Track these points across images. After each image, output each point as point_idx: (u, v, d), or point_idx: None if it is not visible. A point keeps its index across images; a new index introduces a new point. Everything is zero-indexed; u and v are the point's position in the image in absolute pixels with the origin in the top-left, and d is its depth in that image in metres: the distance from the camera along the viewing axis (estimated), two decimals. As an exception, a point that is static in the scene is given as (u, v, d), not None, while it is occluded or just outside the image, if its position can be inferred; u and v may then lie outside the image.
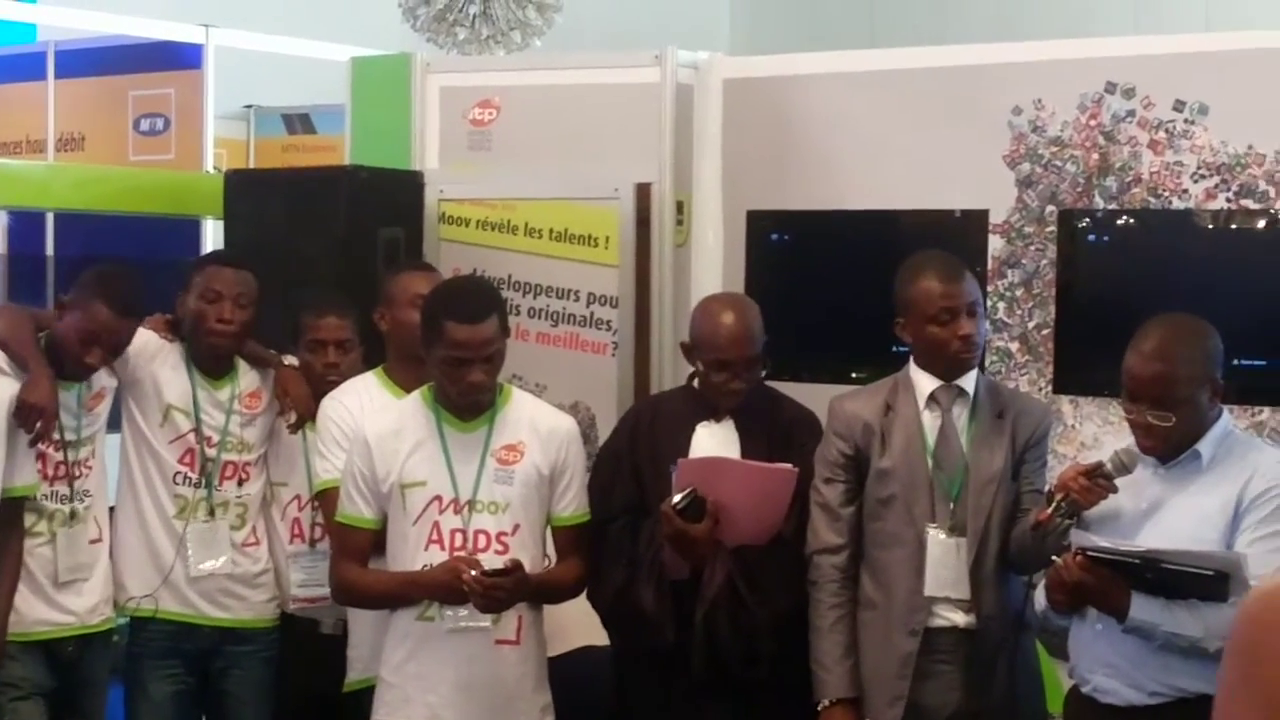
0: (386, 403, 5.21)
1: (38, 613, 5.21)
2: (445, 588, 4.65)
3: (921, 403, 4.80)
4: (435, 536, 4.76)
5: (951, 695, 4.72)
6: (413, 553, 4.77)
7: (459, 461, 4.80)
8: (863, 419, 4.84)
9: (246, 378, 5.53)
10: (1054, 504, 4.39)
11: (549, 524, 4.94)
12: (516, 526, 4.80)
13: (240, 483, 5.48)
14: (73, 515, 5.26)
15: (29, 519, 5.19)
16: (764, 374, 5.08)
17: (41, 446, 5.14)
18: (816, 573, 4.84)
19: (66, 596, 5.28)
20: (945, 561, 4.69)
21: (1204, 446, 4.34)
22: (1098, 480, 4.37)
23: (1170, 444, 4.34)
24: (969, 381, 4.81)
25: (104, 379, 5.37)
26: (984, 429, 4.79)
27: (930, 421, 4.80)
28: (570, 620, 5.37)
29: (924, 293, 4.76)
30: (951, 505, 4.72)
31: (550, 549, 4.99)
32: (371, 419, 5.00)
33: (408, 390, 5.10)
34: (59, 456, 5.25)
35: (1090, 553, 4.22)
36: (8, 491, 4.99)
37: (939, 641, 4.73)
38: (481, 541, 4.77)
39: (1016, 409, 4.85)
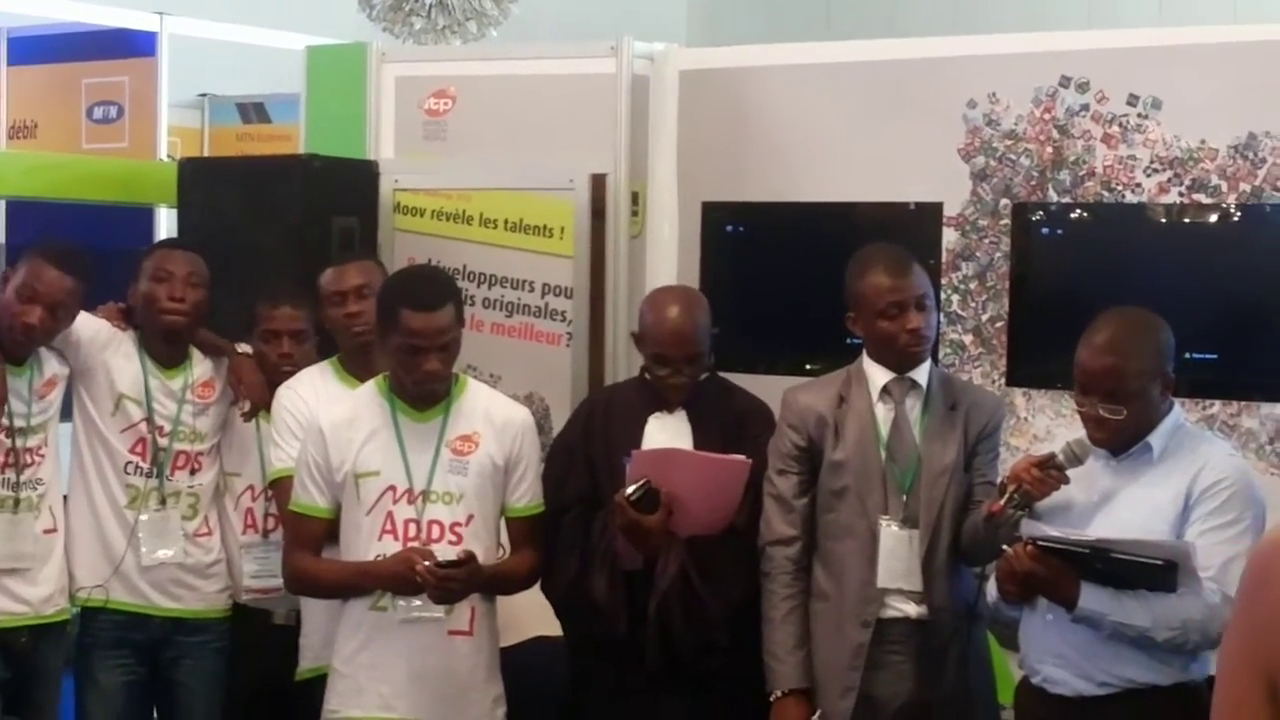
0: (340, 393, 5.20)
1: None
2: (398, 578, 4.65)
3: (875, 395, 4.81)
4: (389, 527, 4.76)
5: (903, 686, 4.74)
6: (366, 543, 4.76)
7: (413, 451, 4.79)
8: (816, 411, 4.85)
9: (200, 367, 5.52)
10: (1006, 495, 4.40)
11: (503, 515, 4.93)
12: (470, 517, 4.80)
13: (193, 472, 5.46)
14: (16, 504, 5.24)
15: None
16: (707, 369, 5.10)
17: None
18: (769, 564, 4.85)
19: (20, 585, 5.26)
20: (897, 553, 4.70)
21: (1155, 439, 4.36)
22: (1050, 472, 4.39)
23: (1121, 437, 4.36)
24: (922, 374, 4.83)
25: (55, 366, 5.35)
26: (937, 421, 4.81)
27: (883, 413, 4.81)
28: (523, 611, 5.37)
29: (872, 287, 4.77)
30: (904, 497, 4.74)
31: (504, 540, 4.98)
32: (326, 408, 4.99)
33: (361, 380, 5.10)
34: (7, 443, 5.23)
35: (1040, 542, 4.24)
36: None
37: (891, 632, 4.74)
38: (435, 532, 4.76)
39: (969, 401, 4.87)
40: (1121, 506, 4.35)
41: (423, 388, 4.79)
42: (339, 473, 4.79)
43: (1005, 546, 4.34)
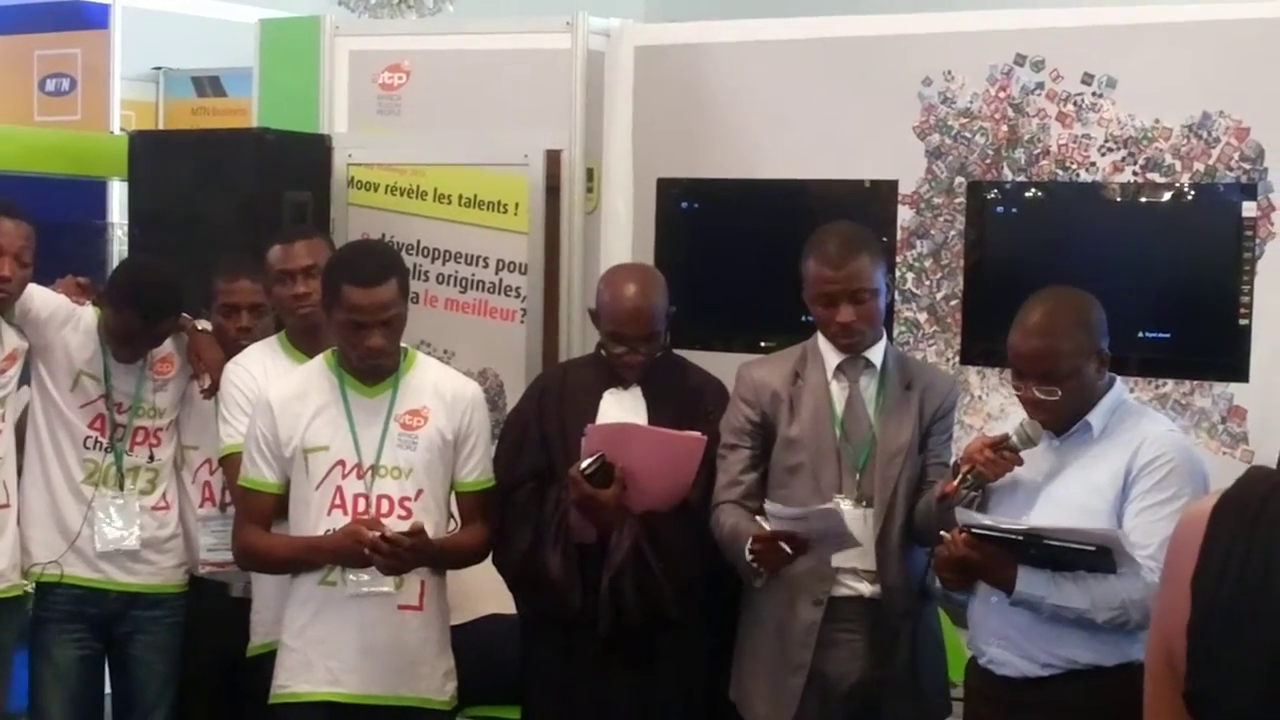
0: (289, 368, 5.18)
1: None
2: (347, 551, 4.64)
3: (829, 373, 4.81)
4: (338, 501, 4.75)
5: (855, 665, 4.74)
6: (315, 518, 4.76)
7: (362, 426, 4.79)
8: (771, 386, 4.85)
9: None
10: (960, 476, 4.40)
11: (453, 490, 4.93)
12: (420, 492, 4.80)
13: (151, 448, 5.44)
14: None
15: None
16: (663, 348, 5.10)
17: None
18: (716, 512, 4.85)
19: None
20: (854, 530, 4.67)
21: (1094, 418, 4.36)
22: (1003, 453, 4.39)
23: (1060, 417, 4.36)
24: (876, 353, 4.83)
25: (15, 340, 5.32)
26: (892, 400, 4.81)
27: (838, 391, 4.81)
28: (477, 587, 5.38)
29: (810, 272, 4.78)
30: (858, 476, 4.74)
31: (455, 514, 4.98)
32: (275, 383, 4.98)
33: (309, 356, 5.08)
34: None
35: (975, 530, 4.25)
36: None
37: (843, 611, 4.75)
38: (385, 507, 4.76)
39: (924, 381, 4.87)
40: (1062, 487, 4.35)
41: (367, 362, 4.78)
42: (288, 447, 4.78)
43: (943, 533, 4.34)
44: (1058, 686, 4.31)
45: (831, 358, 4.82)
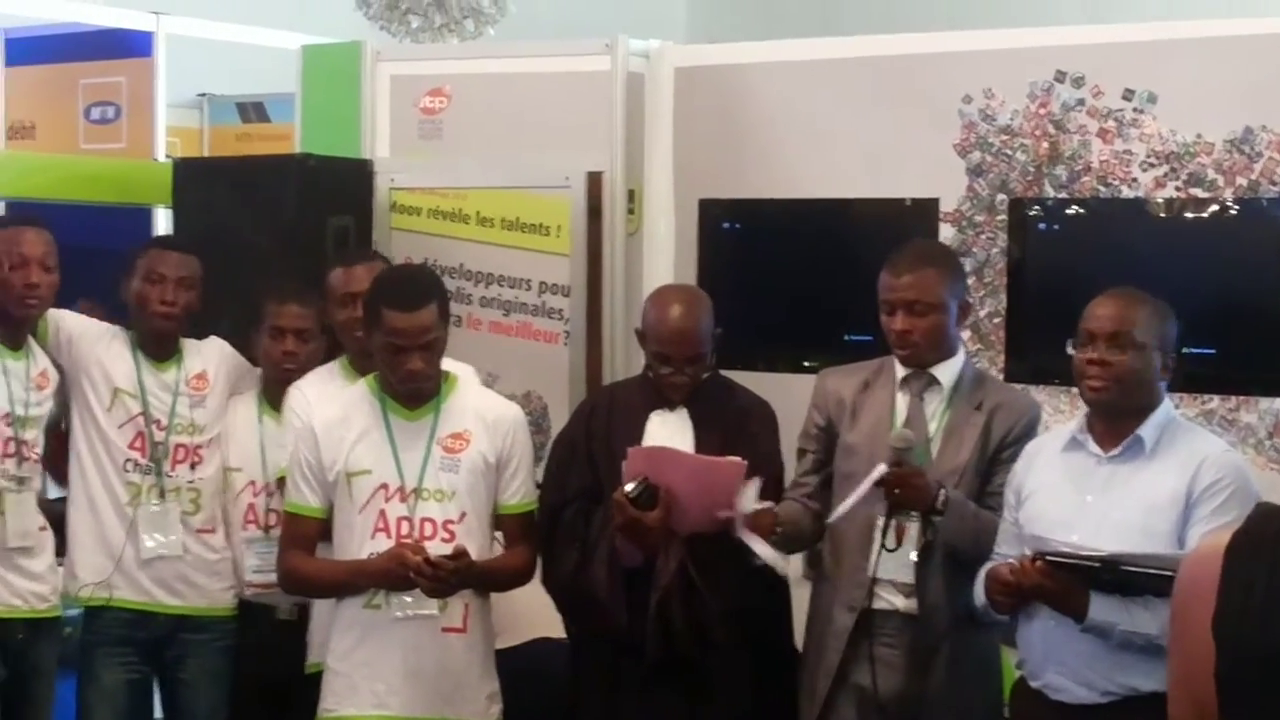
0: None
1: None
2: (391, 575, 4.66)
3: (896, 385, 4.84)
4: (381, 524, 4.77)
5: (892, 679, 4.75)
6: (359, 541, 4.77)
7: (404, 449, 4.81)
8: (839, 394, 4.94)
9: (191, 359, 5.53)
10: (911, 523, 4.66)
11: (495, 512, 4.93)
12: (463, 514, 4.81)
13: (193, 466, 5.47)
14: (20, 483, 5.28)
15: None
16: (709, 369, 5.10)
17: None
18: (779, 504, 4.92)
19: (17, 579, 5.27)
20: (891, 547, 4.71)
21: (1145, 431, 4.34)
22: (908, 482, 4.61)
23: (1111, 391, 4.34)
24: (943, 370, 4.85)
25: (46, 363, 5.38)
26: (957, 419, 4.82)
27: (902, 404, 4.85)
28: (526, 610, 5.39)
29: (880, 280, 4.84)
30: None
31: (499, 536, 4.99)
32: (319, 408, 5.00)
33: None
34: (8, 432, 5.28)
35: (1050, 558, 4.22)
36: None
37: (883, 624, 4.77)
38: (428, 530, 4.78)
39: (996, 402, 4.85)
40: (1118, 507, 4.31)
41: (407, 386, 4.80)
42: (331, 472, 4.80)
43: (1011, 559, 4.34)
44: (1116, 713, 4.26)
45: (900, 371, 4.85)
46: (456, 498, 4.81)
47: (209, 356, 5.57)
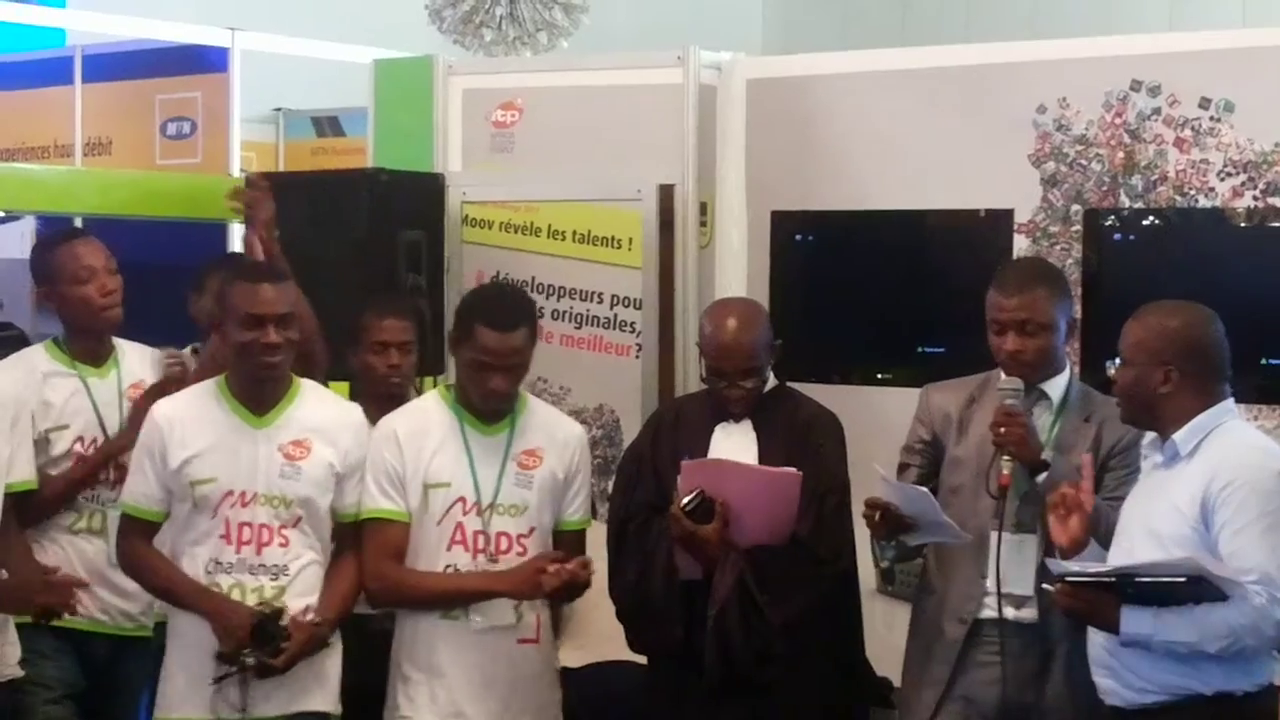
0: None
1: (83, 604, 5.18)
2: (525, 584, 4.77)
3: (996, 398, 4.81)
4: (459, 537, 4.83)
5: (996, 689, 4.76)
6: (434, 553, 4.81)
7: (481, 464, 4.86)
8: (945, 409, 4.95)
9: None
10: (1009, 465, 4.65)
11: (555, 528, 4.98)
12: (532, 529, 4.88)
13: None
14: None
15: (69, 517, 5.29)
16: (773, 380, 5.08)
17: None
18: None
19: (109, 595, 5.33)
20: (1009, 556, 4.72)
21: (1180, 436, 4.31)
22: (1014, 420, 4.63)
23: (1124, 409, 4.43)
24: (1053, 386, 4.86)
25: (141, 370, 5.42)
26: (1069, 433, 4.83)
27: None
28: (603, 629, 5.40)
29: (989, 299, 4.85)
30: (1018, 503, 4.74)
31: None
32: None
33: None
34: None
35: (1069, 579, 4.24)
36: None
37: (990, 634, 4.78)
38: (504, 544, 4.84)
39: (1105, 414, 4.82)
40: (1158, 515, 4.29)
41: (488, 404, 4.86)
42: (412, 481, 4.83)
43: (1045, 586, 4.36)
44: (1161, 716, 4.24)
45: (1008, 385, 4.82)
46: (528, 513, 4.87)
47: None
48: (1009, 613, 4.76)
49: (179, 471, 4.73)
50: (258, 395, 4.81)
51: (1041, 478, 4.66)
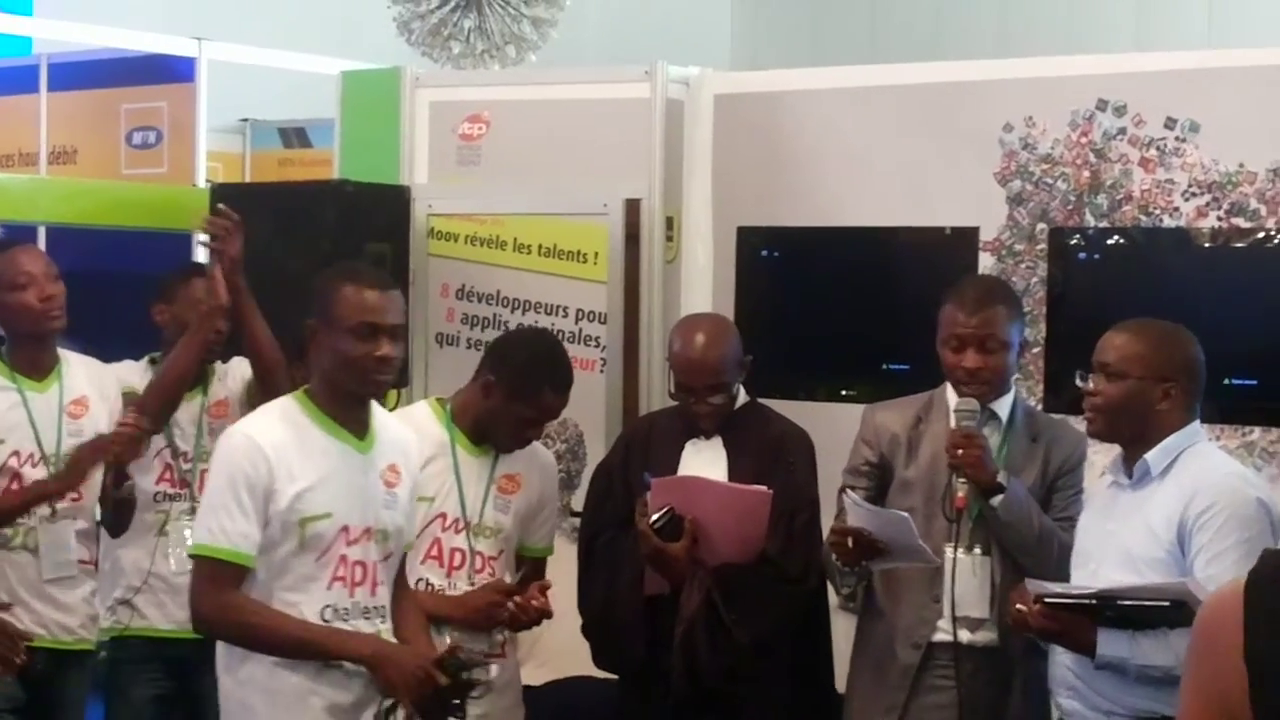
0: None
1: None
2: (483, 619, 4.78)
3: (952, 420, 4.79)
4: (434, 552, 4.85)
5: (950, 713, 4.73)
6: (408, 564, 4.70)
7: (468, 484, 4.89)
8: (891, 429, 4.91)
9: (216, 386, 5.59)
10: (962, 488, 4.63)
11: (517, 551, 5.04)
12: (501, 552, 4.93)
13: None
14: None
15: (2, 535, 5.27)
16: (741, 397, 5.08)
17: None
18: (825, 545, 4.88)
19: (45, 608, 5.30)
20: (964, 579, 4.71)
21: (1152, 456, 4.31)
22: (972, 443, 4.60)
23: (1098, 423, 4.38)
24: (1002, 406, 4.85)
25: (85, 386, 5.43)
26: (1017, 452, 4.82)
27: None
28: (564, 645, 5.40)
29: (945, 315, 4.82)
30: (970, 524, 4.73)
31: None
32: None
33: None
34: (36, 474, 5.33)
35: (1047, 599, 4.21)
36: None
37: (942, 657, 4.76)
38: (478, 563, 4.88)
39: (1051, 434, 4.88)
40: (1130, 534, 4.29)
41: (514, 448, 4.95)
42: None
43: (1019, 607, 4.30)
44: None
45: (954, 402, 4.82)
46: (501, 535, 4.92)
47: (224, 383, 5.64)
48: (964, 636, 4.72)
49: (289, 508, 4.13)
50: (359, 416, 4.32)
51: (997, 500, 4.64)
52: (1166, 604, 4.06)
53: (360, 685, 4.15)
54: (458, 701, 4.12)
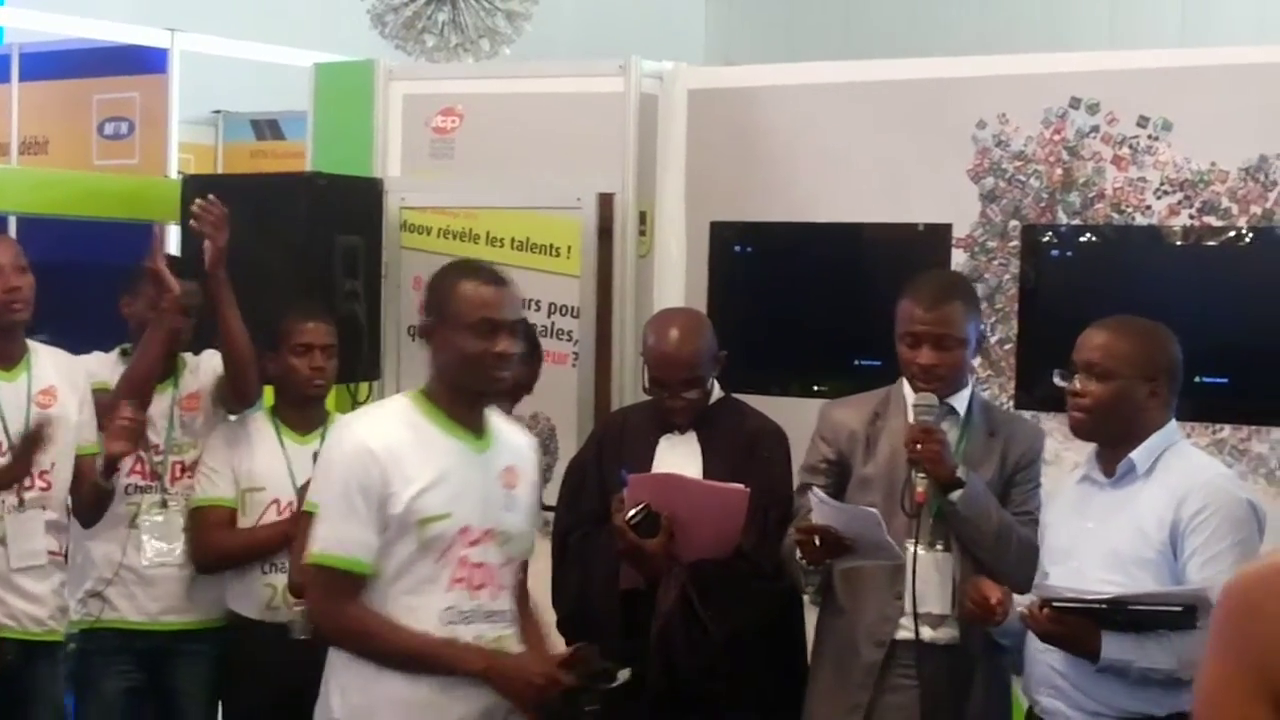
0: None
1: None
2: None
3: (910, 415, 4.78)
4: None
5: (912, 711, 4.71)
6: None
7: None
8: (849, 426, 4.87)
9: (187, 379, 5.59)
10: (922, 483, 4.61)
11: None
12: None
13: (191, 479, 5.54)
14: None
15: None
16: (716, 391, 5.07)
17: None
18: (786, 539, 4.83)
19: (13, 598, 5.27)
20: (925, 575, 4.69)
21: (1138, 455, 4.30)
22: (931, 438, 4.58)
23: (1085, 424, 4.35)
24: (960, 401, 4.83)
25: (53, 376, 5.39)
26: (975, 447, 4.80)
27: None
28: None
29: (902, 311, 4.80)
30: (931, 520, 4.72)
31: None
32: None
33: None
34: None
35: (1056, 604, 4.19)
36: None
37: (905, 656, 4.73)
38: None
39: (1008, 430, 4.87)
40: (1116, 533, 4.28)
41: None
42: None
43: (1022, 610, 4.28)
44: None
45: (911, 398, 4.81)
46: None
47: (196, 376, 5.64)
48: (925, 633, 4.71)
49: (406, 510, 4.02)
50: (476, 415, 4.20)
51: (957, 495, 4.63)
52: (1179, 609, 4.06)
53: (490, 695, 4.07)
54: (591, 707, 4.05)
